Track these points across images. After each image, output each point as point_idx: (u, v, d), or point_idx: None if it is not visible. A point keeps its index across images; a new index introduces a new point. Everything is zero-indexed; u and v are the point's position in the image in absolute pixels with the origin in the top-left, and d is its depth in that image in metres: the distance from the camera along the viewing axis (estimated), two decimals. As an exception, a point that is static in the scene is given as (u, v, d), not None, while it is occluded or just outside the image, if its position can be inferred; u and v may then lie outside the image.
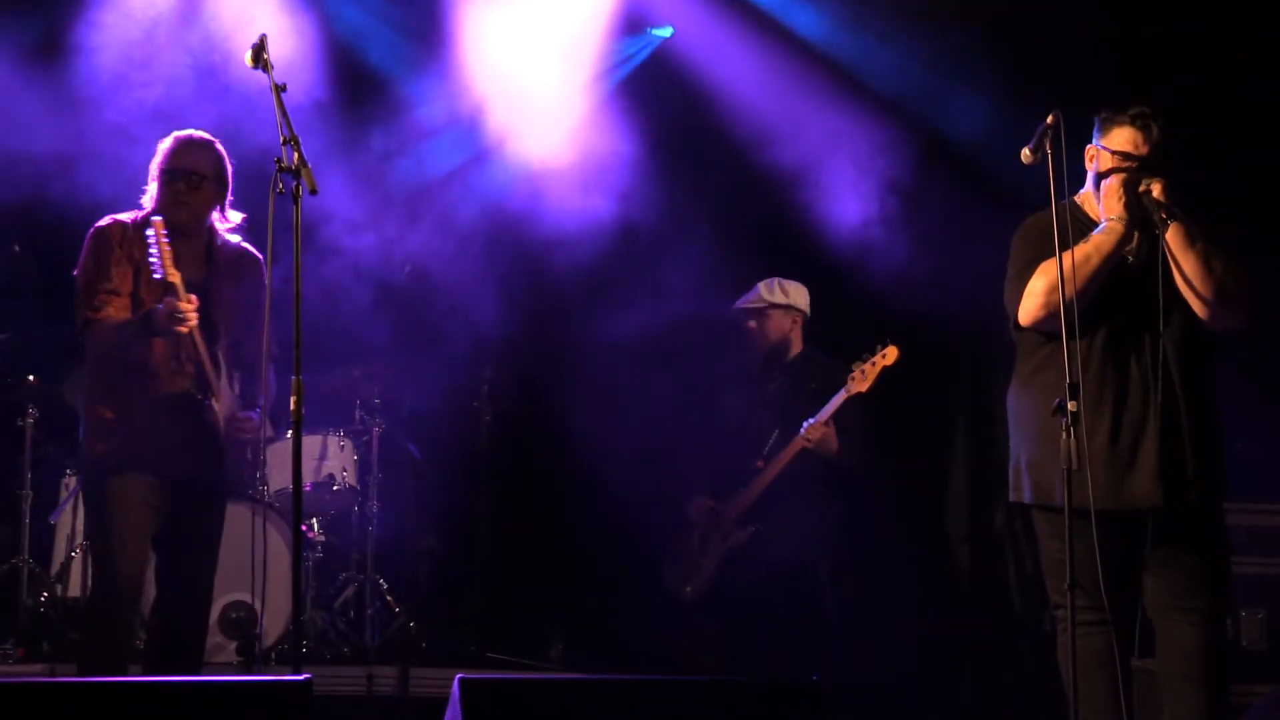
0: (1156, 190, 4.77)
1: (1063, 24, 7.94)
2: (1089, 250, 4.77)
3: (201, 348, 5.49)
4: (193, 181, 5.61)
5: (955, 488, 8.55)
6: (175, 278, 5.34)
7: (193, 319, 5.38)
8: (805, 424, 7.18)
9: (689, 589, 7.56)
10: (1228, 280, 4.79)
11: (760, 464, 7.39)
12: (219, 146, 5.73)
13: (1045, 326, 4.83)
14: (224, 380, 5.65)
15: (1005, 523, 8.25)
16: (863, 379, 7.15)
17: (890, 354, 7.15)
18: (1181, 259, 4.79)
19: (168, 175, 5.60)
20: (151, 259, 5.33)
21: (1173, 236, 4.79)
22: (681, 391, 8.26)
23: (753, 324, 7.58)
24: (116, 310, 5.51)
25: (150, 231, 5.35)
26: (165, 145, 5.68)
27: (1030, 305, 4.84)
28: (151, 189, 5.67)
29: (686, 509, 7.65)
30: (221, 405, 5.60)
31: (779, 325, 7.57)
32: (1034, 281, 4.82)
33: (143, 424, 5.50)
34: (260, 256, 5.81)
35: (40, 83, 7.69)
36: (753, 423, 7.51)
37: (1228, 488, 4.93)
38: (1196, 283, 4.79)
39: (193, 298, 5.38)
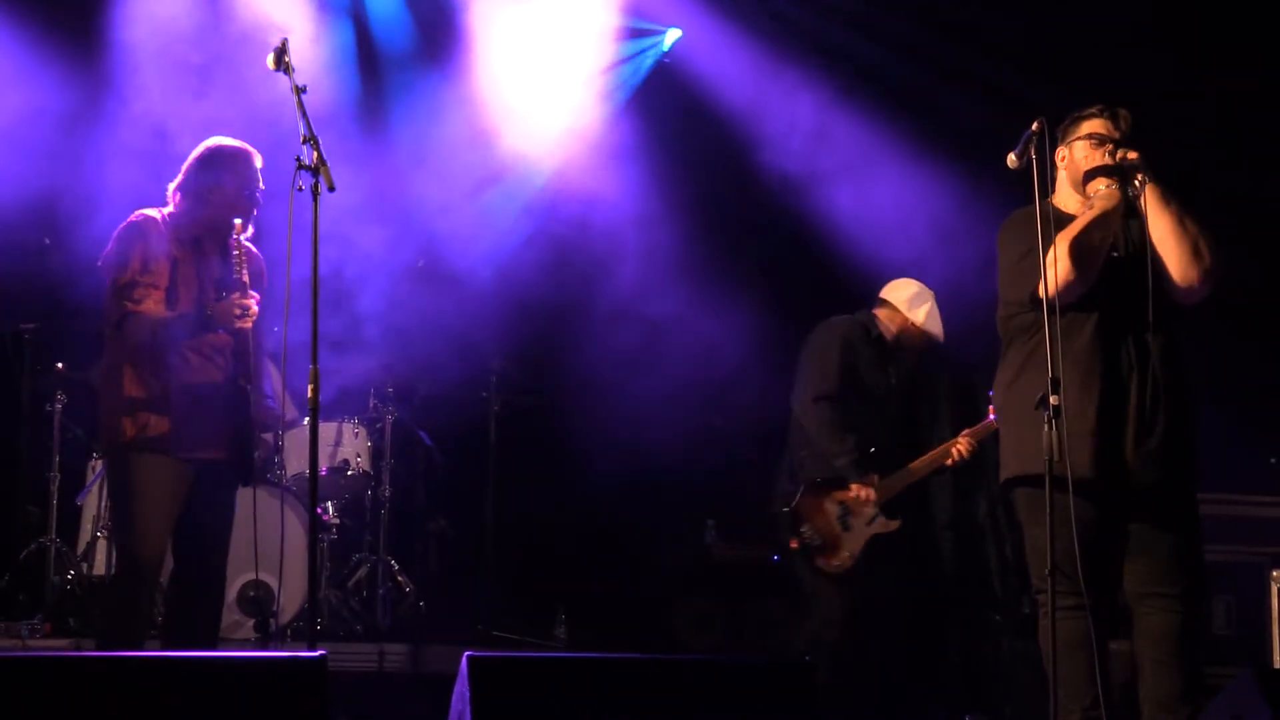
0: (1133, 155, 4.80)
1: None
2: (1095, 215, 4.78)
3: (251, 339, 5.47)
4: (259, 203, 5.61)
5: (939, 477, 8.50)
6: (246, 277, 5.36)
7: (255, 314, 5.38)
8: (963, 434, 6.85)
9: (834, 564, 6.70)
10: (1200, 242, 4.81)
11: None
12: None
13: (1075, 291, 4.74)
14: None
15: (987, 511, 8.21)
16: None
17: None
18: (1158, 217, 4.80)
19: (251, 194, 5.55)
20: (234, 259, 5.35)
21: (1151, 197, 4.80)
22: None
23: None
24: (155, 304, 5.44)
25: (233, 236, 5.37)
26: (214, 152, 5.58)
27: (1063, 269, 4.68)
28: (175, 183, 5.60)
29: (836, 480, 6.74)
30: (255, 395, 5.57)
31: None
32: (1059, 248, 4.70)
33: (176, 408, 5.42)
34: (262, 256, 5.79)
35: (65, 80, 7.66)
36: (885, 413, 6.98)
37: (1199, 474, 4.91)
38: (1172, 241, 4.79)
39: (255, 295, 5.38)
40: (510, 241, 8.48)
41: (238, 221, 5.38)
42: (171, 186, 5.62)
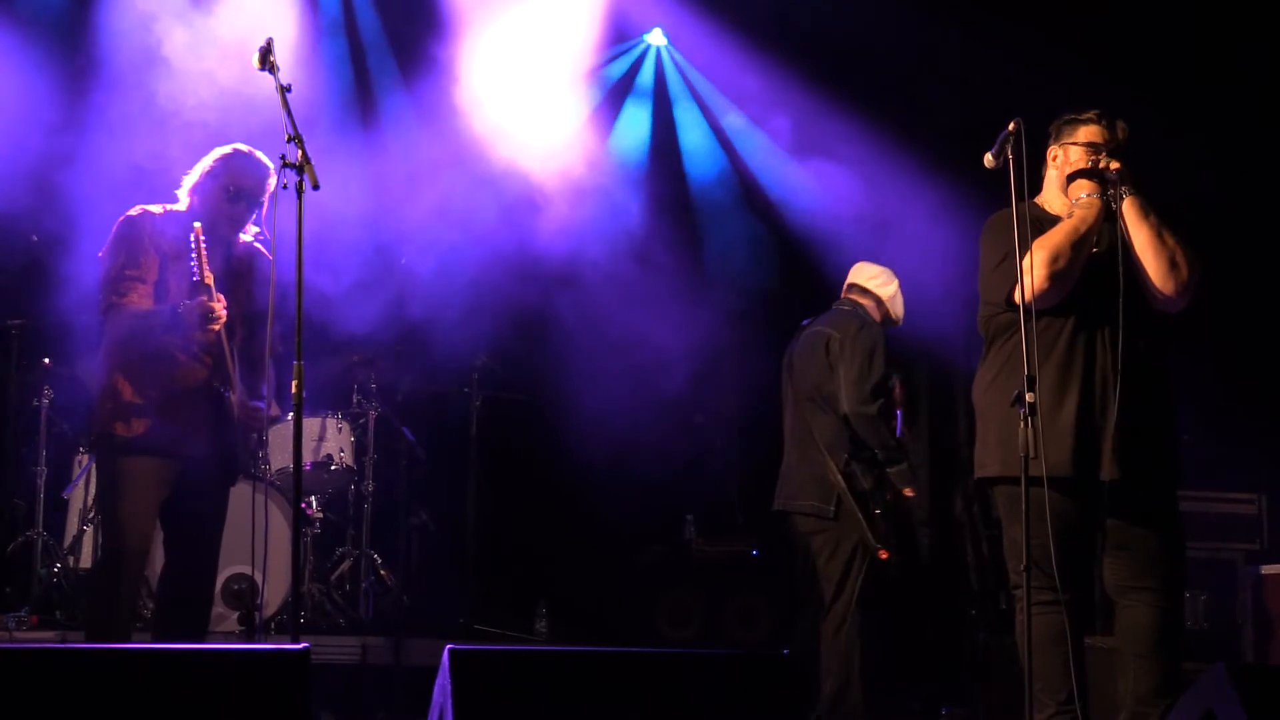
0: (1114, 165, 4.81)
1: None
2: (1075, 224, 4.78)
3: (225, 343, 5.45)
4: (253, 205, 5.56)
5: (917, 475, 8.52)
6: (209, 279, 5.30)
7: (223, 317, 5.35)
8: None
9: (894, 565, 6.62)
10: (1177, 254, 4.81)
11: None
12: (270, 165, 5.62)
13: (1050, 298, 4.74)
14: (236, 372, 5.58)
15: (964, 507, 8.24)
16: None
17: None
18: (1136, 230, 4.80)
19: (229, 192, 5.52)
20: (191, 261, 5.29)
21: (1129, 208, 4.80)
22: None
23: None
24: (140, 298, 5.44)
25: (191, 236, 5.30)
26: (229, 157, 5.57)
27: (1038, 276, 4.70)
28: (188, 182, 5.59)
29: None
30: (236, 396, 5.55)
31: None
32: (1036, 255, 4.72)
33: (163, 410, 5.41)
34: (269, 254, 5.76)
35: (53, 77, 7.63)
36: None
37: (1181, 472, 4.92)
38: (1150, 253, 4.79)
39: (221, 297, 5.35)
40: (493, 239, 8.46)
41: (197, 225, 5.32)
42: (186, 186, 5.61)
